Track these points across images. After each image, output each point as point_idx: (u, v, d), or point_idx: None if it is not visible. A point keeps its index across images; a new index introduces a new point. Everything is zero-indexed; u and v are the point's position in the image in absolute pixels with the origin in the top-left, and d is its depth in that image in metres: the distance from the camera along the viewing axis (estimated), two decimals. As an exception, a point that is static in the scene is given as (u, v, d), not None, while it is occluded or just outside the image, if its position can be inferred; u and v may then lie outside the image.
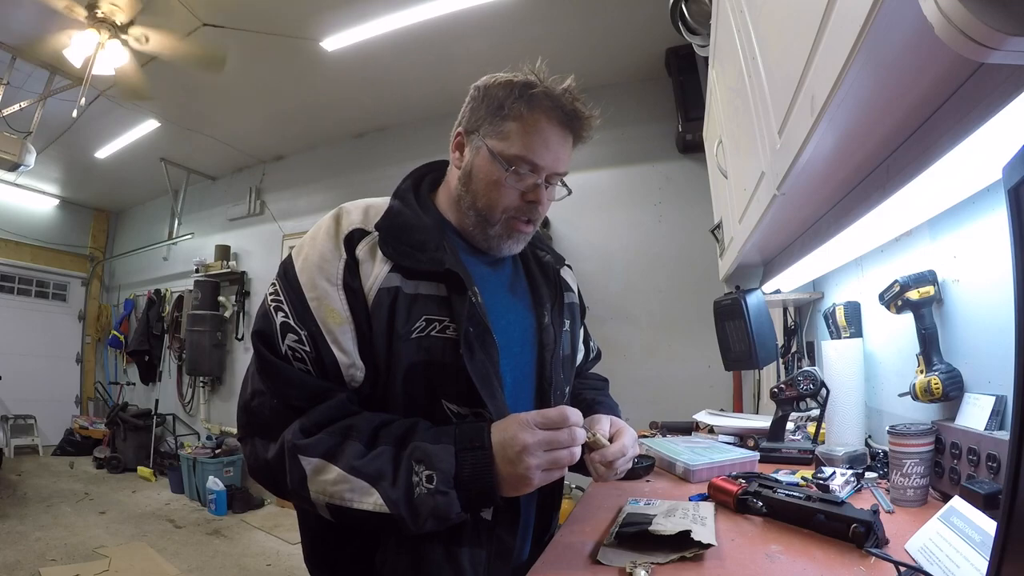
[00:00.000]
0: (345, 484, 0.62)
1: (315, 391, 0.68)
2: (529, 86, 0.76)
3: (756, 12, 0.93)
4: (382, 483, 0.62)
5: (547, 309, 0.87)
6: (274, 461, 0.66)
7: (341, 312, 0.70)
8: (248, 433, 0.71)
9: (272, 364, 0.69)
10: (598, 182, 3.46)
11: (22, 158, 3.53)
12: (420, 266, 0.72)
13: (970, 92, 0.54)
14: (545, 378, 0.83)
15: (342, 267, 0.71)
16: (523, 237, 0.83)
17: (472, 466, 0.63)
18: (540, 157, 0.76)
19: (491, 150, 0.77)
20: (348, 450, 0.64)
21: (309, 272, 0.71)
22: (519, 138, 0.76)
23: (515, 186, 0.78)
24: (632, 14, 2.79)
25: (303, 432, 0.65)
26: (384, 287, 0.71)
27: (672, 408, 2.31)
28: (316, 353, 0.69)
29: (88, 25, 2.75)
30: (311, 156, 4.58)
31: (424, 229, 0.76)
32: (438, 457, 0.63)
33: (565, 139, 0.79)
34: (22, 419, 5.38)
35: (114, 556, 2.92)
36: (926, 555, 0.65)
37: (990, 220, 0.85)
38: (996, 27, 0.33)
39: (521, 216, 0.80)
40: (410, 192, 0.82)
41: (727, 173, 1.46)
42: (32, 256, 5.86)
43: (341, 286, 0.70)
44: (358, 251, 0.72)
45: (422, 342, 0.71)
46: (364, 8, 2.79)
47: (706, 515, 0.83)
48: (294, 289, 0.71)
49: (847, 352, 1.32)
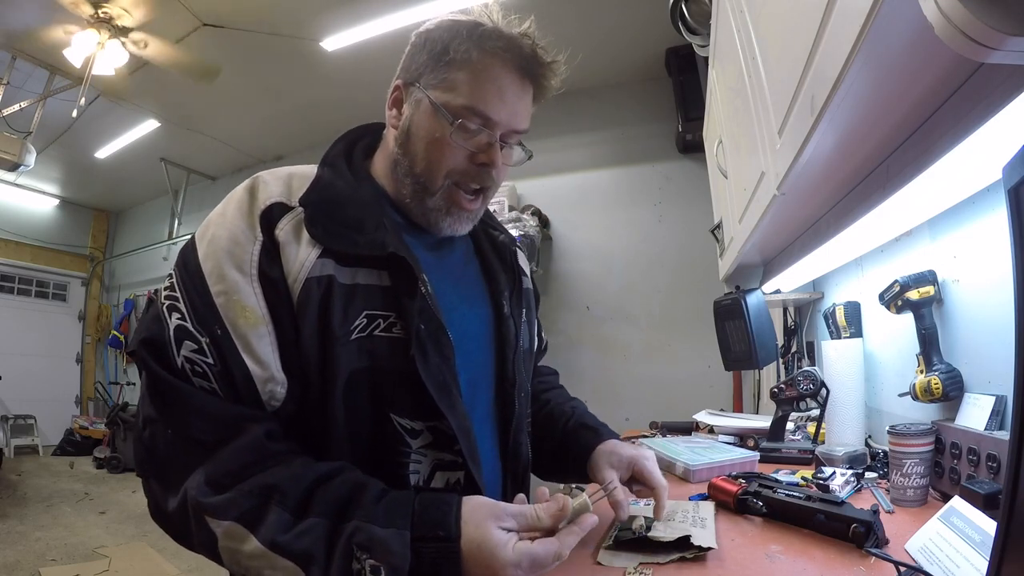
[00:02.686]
0: (265, 561, 0.49)
1: (222, 420, 0.53)
2: (479, 26, 0.63)
3: (756, 12, 0.93)
4: (312, 569, 0.49)
5: (506, 298, 0.74)
6: (176, 515, 0.53)
7: (256, 310, 0.55)
8: (144, 473, 0.56)
9: (164, 383, 0.54)
10: (598, 182, 3.46)
11: (22, 158, 3.53)
12: (357, 250, 0.59)
13: (970, 92, 0.54)
14: (507, 378, 0.72)
15: (257, 252, 0.57)
16: (466, 216, 0.68)
17: (432, 561, 0.49)
18: (494, 109, 0.63)
19: (434, 102, 0.63)
20: (270, 519, 0.50)
21: (215, 259, 0.56)
22: (467, 87, 0.62)
23: (463, 144, 0.63)
24: (632, 14, 2.79)
25: (210, 486, 0.51)
26: (313, 276, 0.57)
27: (672, 408, 2.31)
28: (222, 365, 0.54)
29: (89, 25, 2.75)
30: (311, 156, 4.47)
31: (360, 204, 0.63)
32: (389, 546, 0.48)
33: (523, 89, 0.65)
34: (22, 419, 5.38)
35: (114, 556, 2.92)
36: (926, 555, 0.65)
37: (990, 220, 0.85)
38: (996, 27, 0.33)
39: (468, 182, 0.66)
40: (342, 159, 0.68)
41: (727, 173, 1.46)
42: (32, 256, 5.86)
43: (256, 276, 0.56)
44: (278, 232, 0.58)
45: (364, 344, 0.58)
46: (364, 8, 2.79)
47: (706, 516, 0.83)
48: (195, 282, 0.56)
49: (847, 352, 1.32)
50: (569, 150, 3.55)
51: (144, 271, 5.87)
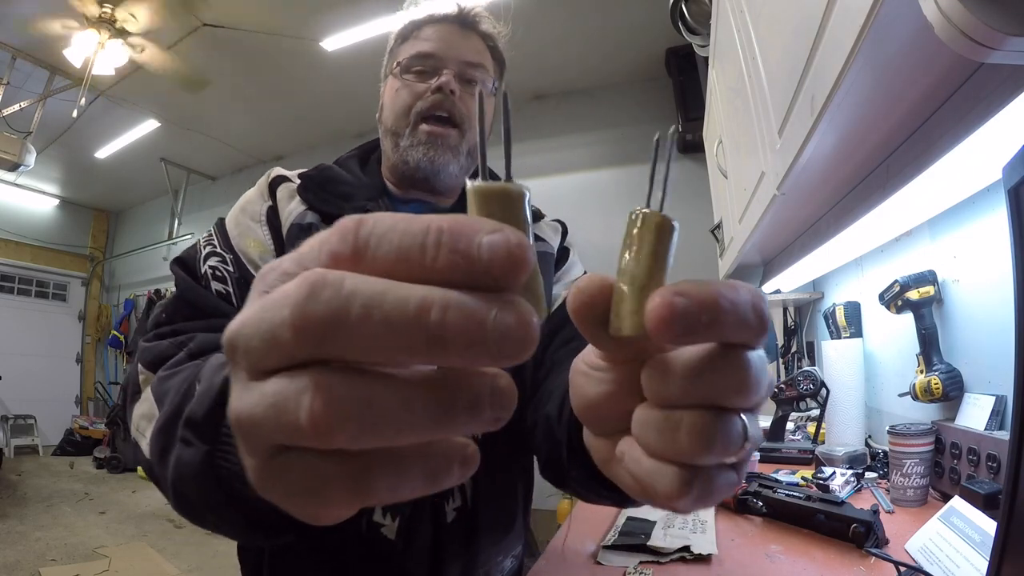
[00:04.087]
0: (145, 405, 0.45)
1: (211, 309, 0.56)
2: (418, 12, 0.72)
3: (756, 12, 0.93)
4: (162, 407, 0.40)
5: None
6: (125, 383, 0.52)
7: (263, 241, 0.65)
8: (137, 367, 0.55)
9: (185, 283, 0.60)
10: (598, 182, 3.46)
11: (22, 158, 3.53)
12: (341, 212, 0.64)
13: (970, 92, 0.54)
14: None
15: (266, 208, 0.67)
16: (442, 140, 0.69)
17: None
18: (436, 48, 0.69)
19: (391, 72, 0.72)
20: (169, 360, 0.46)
21: (235, 215, 0.68)
22: (412, 45, 0.71)
23: (418, 84, 0.69)
24: (632, 14, 2.79)
25: (156, 336, 0.52)
26: (297, 222, 0.65)
27: (672, 408, 2.30)
28: (239, 273, 0.62)
29: (90, 25, 2.75)
30: (311, 156, 4.56)
31: (354, 185, 0.70)
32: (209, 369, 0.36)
33: (464, 33, 0.72)
34: (22, 419, 5.38)
35: (114, 556, 2.92)
36: (926, 555, 0.65)
37: (990, 220, 0.85)
38: (996, 27, 0.33)
39: (431, 111, 0.68)
40: (353, 159, 0.77)
41: (727, 173, 1.46)
42: (32, 256, 5.86)
43: (264, 222, 0.66)
44: (278, 192, 0.68)
45: None
46: (364, 8, 2.79)
47: (706, 518, 0.83)
48: (222, 232, 0.67)
49: (847, 352, 1.32)
50: (569, 150, 3.55)
51: (144, 271, 5.86)
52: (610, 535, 0.78)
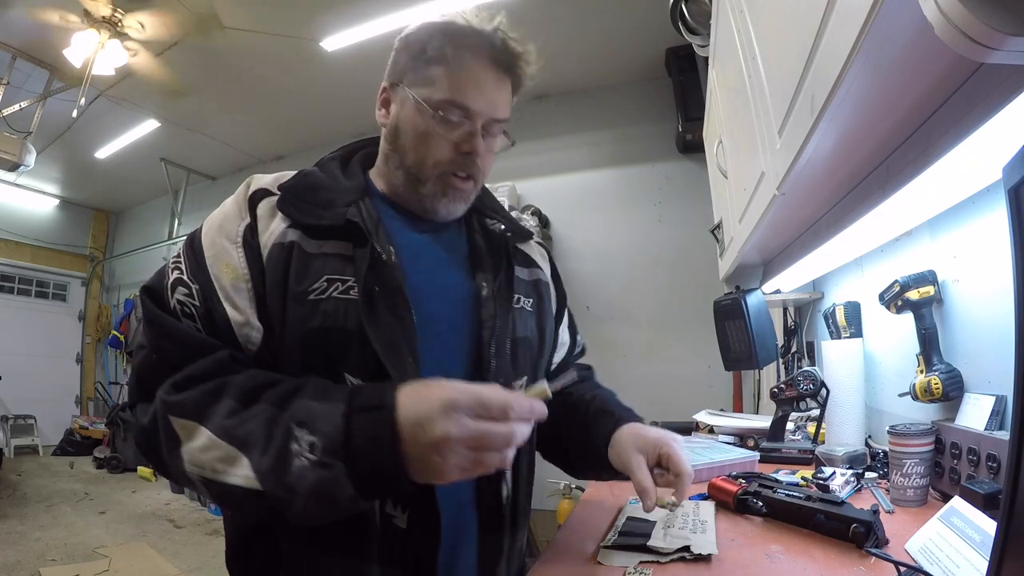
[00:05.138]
0: (215, 451, 0.51)
1: (197, 346, 0.59)
2: (452, 24, 0.69)
3: (756, 12, 0.93)
4: (252, 450, 0.50)
5: (487, 280, 0.73)
6: (149, 427, 0.56)
7: (237, 267, 0.63)
8: (132, 400, 0.62)
9: (155, 316, 0.61)
10: (598, 182, 3.46)
11: (22, 158, 3.53)
12: (320, 221, 0.64)
13: (970, 92, 0.54)
14: (483, 362, 0.69)
15: (243, 227, 0.65)
16: (461, 195, 0.72)
17: (366, 433, 0.49)
18: (472, 100, 0.67)
19: (416, 99, 0.67)
20: (220, 408, 0.53)
21: (211, 233, 0.66)
22: (445, 80, 0.67)
23: (446, 135, 0.68)
24: (632, 14, 2.79)
25: (174, 387, 0.55)
26: (278, 242, 0.64)
27: (672, 408, 2.31)
28: (205, 308, 0.61)
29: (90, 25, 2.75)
30: (311, 156, 4.48)
31: (334, 190, 0.69)
32: (324, 418, 0.50)
33: (500, 80, 0.70)
34: (22, 419, 5.38)
35: (114, 556, 2.92)
36: (926, 555, 0.65)
37: (990, 220, 0.85)
38: (996, 27, 0.33)
39: (456, 171, 0.70)
40: (335, 161, 0.76)
41: (727, 173, 1.46)
42: (32, 256, 5.86)
43: (240, 244, 0.64)
44: (258, 209, 0.66)
45: (321, 304, 0.61)
46: (364, 8, 2.79)
47: (706, 518, 0.83)
48: (194, 248, 0.65)
49: (847, 352, 1.32)
50: (569, 150, 3.55)
51: (144, 271, 5.86)
52: (610, 535, 0.78)
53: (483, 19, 0.69)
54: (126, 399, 4.91)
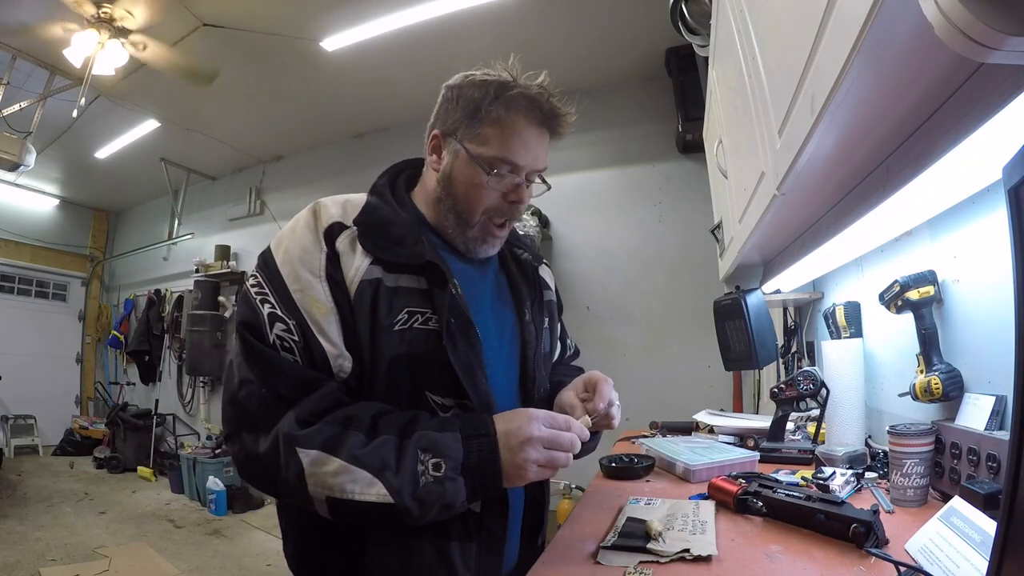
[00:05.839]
0: (347, 475, 0.62)
1: (305, 380, 0.67)
2: (504, 87, 0.76)
3: (756, 12, 0.93)
4: (386, 473, 0.62)
5: (527, 307, 0.87)
6: (267, 455, 0.64)
7: (325, 303, 0.69)
8: (236, 428, 0.69)
9: (260, 352, 0.67)
10: (598, 182, 3.46)
11: (22, 158, 3.53)
12: (400, 259, 0.72)
13: (970, 92, 0.54)
14: (528, 375, 0.84)
15: (324, 259, 0.71)
16: (497, 241, 0.84)
17: (479, 453, 0.65)
18: (520, 158, 0.77)
19: (470, 153, 0.76)
20: (349, 440, 0.63)
21: (291, 264, 0.71)
22: (498, 141, 0.76)
23: (496, 188, 0.78)
24: (632, 14, 2.79)
25: (299, 423, 0.64)
26: (366, 279, 0.71)
27: (672, 408, 2.31)
28: (304, 343, 0.68)
29: (89, 25, 2.75)
30: (311, 156, 4.57)
31: (402, 224, 0.76)
32: (446, 444, 0.64)
33: (542, 137, 0.79)
34: (22, 419, 5.38)
35: (114, 556, 2.92)
36: (926, 555, 0.65)
37: (990, 220, 0.85)
38: (996, 27, 0.33)
39: (501, 216, 0.81)
40: (387, 188, 0.82)
41: (727, 173, 1.46)
42: (32, 256, 5.86)
43: (324, 278, 0.70)
44: (338, 244, 0.72)
45: (405, 335, 0.71)
46: (364, 8, 2.79)
47: (706, 518, 0.83)
48: (276, 280, 0.71)
49: (847, 352, 1.32)
50: (569, 150, 3.55)
51: (144, 271, 5.87)
52: (610, 535, 0.78)
53: (530, 77, 0.77)
54: (124, 400, 4.88)
